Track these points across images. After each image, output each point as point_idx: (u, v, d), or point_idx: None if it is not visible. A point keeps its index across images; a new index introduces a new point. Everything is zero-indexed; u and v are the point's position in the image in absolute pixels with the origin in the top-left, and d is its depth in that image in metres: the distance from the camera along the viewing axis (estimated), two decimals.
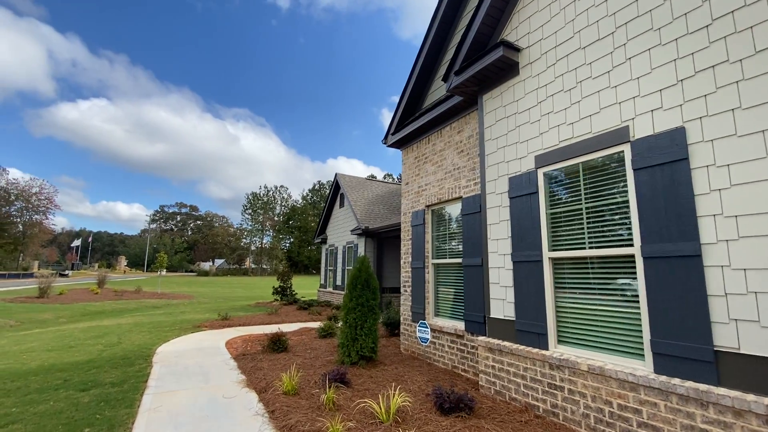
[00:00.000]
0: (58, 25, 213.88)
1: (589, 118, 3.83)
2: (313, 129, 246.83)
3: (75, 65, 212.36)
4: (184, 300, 23.52)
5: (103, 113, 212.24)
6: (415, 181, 7.10)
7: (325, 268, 18.41)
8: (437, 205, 6.51)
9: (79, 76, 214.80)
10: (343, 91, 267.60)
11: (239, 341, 8.74)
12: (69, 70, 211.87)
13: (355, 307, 6.01)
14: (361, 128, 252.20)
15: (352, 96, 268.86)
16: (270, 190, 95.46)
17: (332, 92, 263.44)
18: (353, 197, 15.81)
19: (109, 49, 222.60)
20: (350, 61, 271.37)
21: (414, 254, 6.85)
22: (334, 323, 9.10)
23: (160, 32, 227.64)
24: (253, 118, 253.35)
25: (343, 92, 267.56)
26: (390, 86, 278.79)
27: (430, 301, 6.44)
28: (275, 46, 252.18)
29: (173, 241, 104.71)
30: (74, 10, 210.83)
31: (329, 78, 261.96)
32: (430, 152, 6.77)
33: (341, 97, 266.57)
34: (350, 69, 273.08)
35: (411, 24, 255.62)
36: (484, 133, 5.14)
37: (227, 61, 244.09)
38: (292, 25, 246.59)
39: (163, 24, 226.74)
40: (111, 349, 7.83)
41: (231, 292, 31.48)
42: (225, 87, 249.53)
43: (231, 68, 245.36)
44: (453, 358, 5.67)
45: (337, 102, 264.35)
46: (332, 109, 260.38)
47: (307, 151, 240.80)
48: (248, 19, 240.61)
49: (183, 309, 17.18)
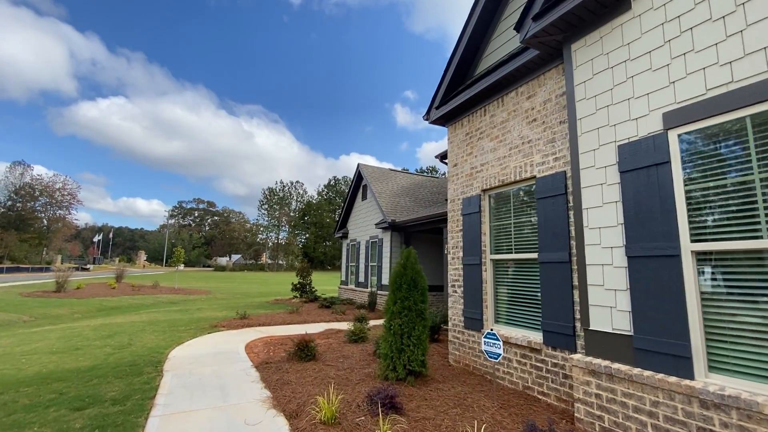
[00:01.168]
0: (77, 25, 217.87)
1: (764, 51, 2.66)
2: (326, 125, 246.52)
3: (94, 64, 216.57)
4: (201, 296, 22.99)
5: (122, 111, 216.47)
6: (466, 161, 5.99)
7: (347, 264, 17.46)
8: (498, 189, 5.38)
9: (98, 74, 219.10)
10: (356, 86, 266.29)
11: (260, 344, 7.82)
12: (89, 69, 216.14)
13: (401, 312, 4.96)
14: (373, 124, 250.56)
15: (365, 91, 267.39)
16: (286, 185, 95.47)
17: (344, 88, 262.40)
18: (377, 189, 14.78)
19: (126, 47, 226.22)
20: (362, 57, 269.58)
21: (466, 248, 5.76)
22: (364, 325, 8.09)
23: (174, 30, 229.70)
24: (267, 114, 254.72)
25: (355, 88, 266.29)
26: (403, 81, 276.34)
27: (488, 304, 5.34)
28: (287, 42, 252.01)
29: (191, 236, 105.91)
30: (92, 8, 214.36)
31: (341, 73, 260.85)
32: (486, 126, 5.64)
33: (353, 93, 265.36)
34: (362, 64, 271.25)
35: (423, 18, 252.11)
36: (574, 92, 3.99)
37: (240, 57, 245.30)
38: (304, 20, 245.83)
39: (176, 21, 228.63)
40: (119, 353, 7.00)
41: (248, 288, 30.98)
42: (238, 84, 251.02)
43: (244, 65, 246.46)
44: (525, 377, 4.57)
45: (349, 98, 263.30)
46: (345, 105, 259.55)
47: (320, 147, 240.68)
48: (260, 16, 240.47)
49: (200, 305, 16.51)
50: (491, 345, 4.25)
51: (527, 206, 4.96)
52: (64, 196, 73.01)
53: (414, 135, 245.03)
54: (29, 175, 69.69)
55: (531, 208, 4.88)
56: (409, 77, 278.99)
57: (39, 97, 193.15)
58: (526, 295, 4.87)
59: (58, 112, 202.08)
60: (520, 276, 5.01)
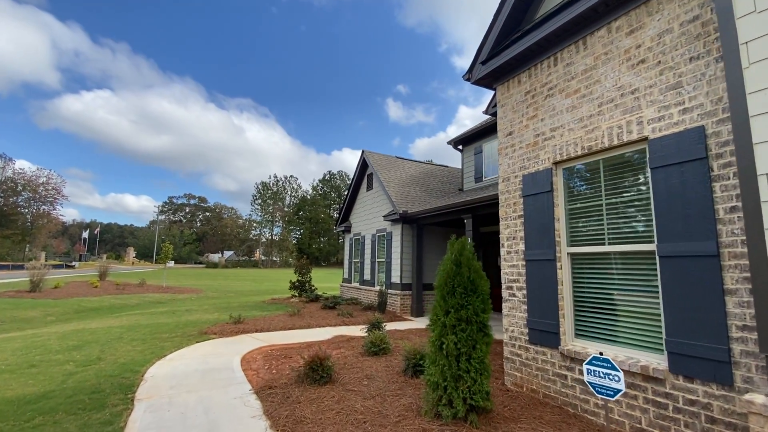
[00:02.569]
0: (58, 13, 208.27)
1: None
2: (317, 120, 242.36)
3: (78, 55, 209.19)
4: (191, 295, 21.49)
5: (107, 104, 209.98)
6: (527, 127, 4.66)
7: (350, 260, 16.11)
8: (580, 159, 4.06)
9: (82, 66, 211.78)
10: (346, 80, 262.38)
11: (259, 357, 6.46)
12: (72, 60, 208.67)
13: (457, 325, 3.64)
14: (365, 118, 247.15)
15: (356, 85, 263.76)
16: (280, 180, 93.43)
17: (335, 82, 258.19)
18: (385, 178, 13.42)
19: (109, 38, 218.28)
20: (353, 50, 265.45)
21: (530, 239, 4.44)
22: (382, 333, 6.77)
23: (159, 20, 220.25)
24: (257, 108, 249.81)
25: (346, 82, 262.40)
26: (394, 75, 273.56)
27: (566, 312, 4.05)
28: (276, 35, 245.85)
29: (182, 232, 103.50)
30: None
31: (332, 67, 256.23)
32: (559, 78, 4.32)
33: (344, 87, 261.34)
34: (353, 58, 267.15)
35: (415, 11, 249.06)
36: (733, 5, 2.68)
37: (228, 49, 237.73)
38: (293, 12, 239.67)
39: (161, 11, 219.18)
40: (83, 372, 5.60)
41: (241, 286, 29.49)
42: (227, 76, 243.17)
43: (232, 57, 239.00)
44: (636, 415, 3.28)
45: (340, 92, 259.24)
46: (336, 99, 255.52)
47: (312, 142, 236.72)
48: (247, 6, 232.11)
49: (189, 306, 15.05)
50: (603, 376, 2.94)
51: (631, 179, 3.65)
52: (48, 191, 70.31)
53: (406, 130, 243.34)
54: (11, 168, 66.92)
55: (638, 181, 3.57)
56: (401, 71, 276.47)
57: (20, 89, 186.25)
58: (630, 302, 3.58)
59: (41, 105, 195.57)
60: (617, 275, 3.71)
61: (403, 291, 11.68)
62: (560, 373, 3.95)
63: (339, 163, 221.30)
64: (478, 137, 13.04)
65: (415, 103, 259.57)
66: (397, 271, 11.96)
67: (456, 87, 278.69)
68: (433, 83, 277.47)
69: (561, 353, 3.94)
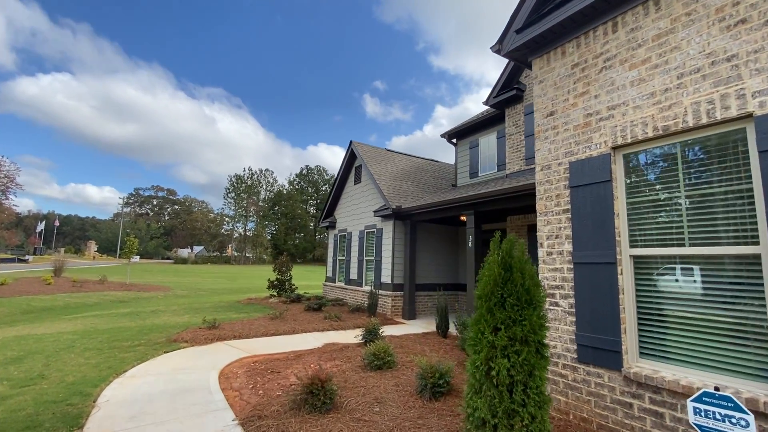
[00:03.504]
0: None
1: None
2: (293, 113, 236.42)
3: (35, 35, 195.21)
4: (158, 293, 19.88)
5: (67, 89, 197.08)
6: (576, 106, 3.95)
7: (334, 258, 15.17)
8: (650, 143, 3.37)
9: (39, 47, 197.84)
10: (323, 74, 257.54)
11: (241, 373, 5.50)
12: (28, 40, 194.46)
13: (509, 345, 2.86)
14: (342, 114, 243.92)
15: (333, 79, 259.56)
16: (254, 173, 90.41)
17: (311, 75, 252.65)
18: (375, 170, 12.56)
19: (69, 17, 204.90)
20: (330, 43, 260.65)
21: (579, 238, 3.74)
22: (384, 344, 5.94)
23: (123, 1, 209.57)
24: (229, 98, 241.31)
25: (322, 75, 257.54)
26: (372, 71, 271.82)
27: (628, 326, 3.36)
28: (250, 23, 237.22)
29: (149, 226, 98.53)
30: None
31: (308, 60, 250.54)
32: (622, 46, 3.61)
33: (321, 81, 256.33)
34: (330, 51, 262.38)
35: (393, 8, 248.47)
36: None
37: (199, 36, 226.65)
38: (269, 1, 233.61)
39: None
40: (18, 396, 4.48)
41: (213, 283, 27.86)
42: (198, 64, 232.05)
43: (203, 44, 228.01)
44: None
45: (316, 85, 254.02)
46: (312, 92, 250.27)
47: (287, 135, 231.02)
48: None
49: (155, 306, 13.68)
50: (722, 419, 2.23)
51: (724, 166, 2.98)
52: (0, 179, 64.89)
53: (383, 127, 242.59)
54: None
55: (735, 168, 2.90)
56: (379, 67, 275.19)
57: None
58: (721, 316, 2.92)
59: None
60: (701, 283, 3.05)
61: (394, 292, 10.90)
62: (623, 400, 3.26)
63: (315, 158, 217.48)
64: (473, 131, 12.40)
65: (392, 100, 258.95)
66: (388, 270, 11.16)
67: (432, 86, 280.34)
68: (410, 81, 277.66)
69: (625, 376, 3.25)
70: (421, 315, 11.24)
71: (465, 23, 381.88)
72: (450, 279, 12.46)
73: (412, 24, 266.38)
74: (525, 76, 10.08)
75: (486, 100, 10.76)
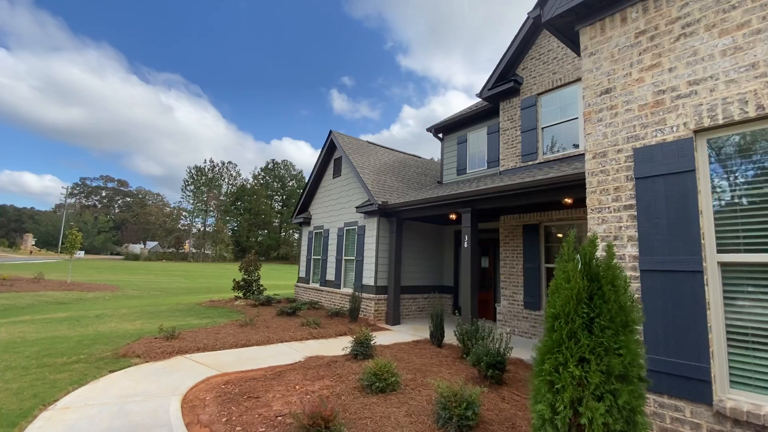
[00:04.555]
0: None
1: None
2: (256, 104, 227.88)
3: None
4: (106, 293, 17.78)
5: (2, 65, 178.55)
6: (643, 81, 3.29)
7: (308, 257, 14.08)
8: (749, 125, 2.75)
9: None
10: (289, 66, 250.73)
11: (211, 400, 4.44)
12: None
13: (603, 383, 2.13)
14: (308, 108, 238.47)
15: (299, 72, 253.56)
16: (216, 165, 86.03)
17: (277, 66, 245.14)
18: (358, 163, 11.64)
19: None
20: (296, 35, 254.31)
21: (647, 240, 3.08)
22: (385, 362, 5.10)
23: None
24: (187, 86, 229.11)
25: (288, 67, 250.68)
26: (339, 66, 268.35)
27: (716, 348, 2.74)
28: (211, 7, 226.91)
29: (96, 219, 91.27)
30: None
31: (273, 50, 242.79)
32: (707, 8, 2.99)
33: (287, 73, 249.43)
34: (297, 43, 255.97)
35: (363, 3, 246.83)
36: None
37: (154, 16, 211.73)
38: None
39: None
40: None
41: (170, 283, 25.68)
42: (153, 47, 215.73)
43: (160, 26, 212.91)
44: None
45: (282, 77, 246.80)
46: (277, 84, 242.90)
47: (250, 128, 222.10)
48: None
49: (101, 308, 11.98)
50: None
51: None
52: None
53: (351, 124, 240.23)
54: None
55: None
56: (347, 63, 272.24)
57: None
58: None
59: None
60: None
61: (377, 295, 10.06)
62: None
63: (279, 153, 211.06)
64: (462, 125, 11.80)
65: (360, 97, 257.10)
66: (371, 271, 10.30)
67: (400, 85, 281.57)
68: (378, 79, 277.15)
69: (717, 411, 2.61)
70: (406, 320, 10.48)
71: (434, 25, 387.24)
72: (434, 281, 11.80)
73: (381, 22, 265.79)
74: (522, 69, 9.57)
75: (480, 92, 10.16)
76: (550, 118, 8.85)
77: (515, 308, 8.84)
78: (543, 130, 8.99)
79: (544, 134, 8.97)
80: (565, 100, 8.67)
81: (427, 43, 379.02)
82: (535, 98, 9.13)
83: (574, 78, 8.44)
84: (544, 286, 8.45)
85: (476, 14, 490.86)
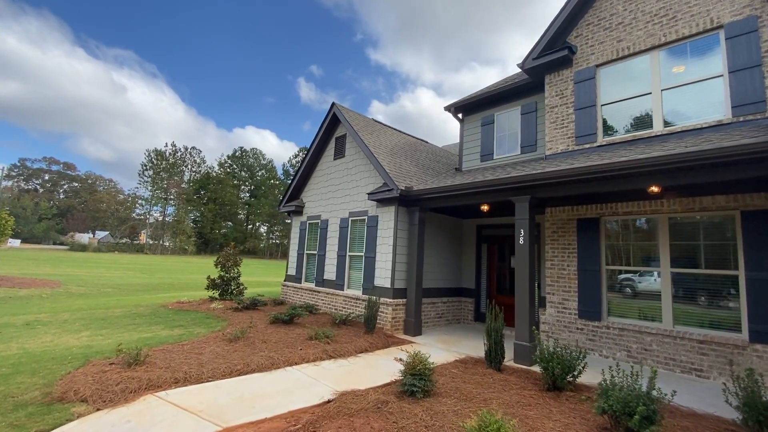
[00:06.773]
0: None
1: None
2: (218, 88, 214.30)
3: None
4: (43, 289, 14.73)
5: None
6: None
7: (299, 251, 12.05)
8: None
9: None
10: (254, 49, 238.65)
11: None
12: None
13: None
14: (274, 96, 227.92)
15: (265, 58, 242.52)
16: (179, 150, 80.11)
17: (241, 49, 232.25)
18: (371, 142, 9.78)
19: None
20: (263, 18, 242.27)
21: None
22: (496, 420, 3.37)
23: None
24: (142, 65, 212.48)
25: (253, 51, 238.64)
26: (308, 55, 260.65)
27: None
28: None
29: (37, 204, 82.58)
30: None
31: (238, 32, 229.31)
32: None
33: (251, 57, 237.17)
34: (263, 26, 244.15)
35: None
36: None
37: None
38: None
39: None
40: None
41: (124, 278, 22.46)
42: (101, 18, 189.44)
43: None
44: None
45: (246, 61, 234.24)
46: (241, 68, 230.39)
47: (210, 113, 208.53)
48: None
49: (35, 312, 9.36)
50: None
51: None
52: None
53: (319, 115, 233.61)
54: None
55: None
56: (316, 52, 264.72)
57: None
58: None
59: None
60: None
61: (395, 299, 8.32)
62: None
63: (242, 141, 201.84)
64: (488, 104, 10.24)
65: (328, 88, 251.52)
66: (387, 271, 8.53)
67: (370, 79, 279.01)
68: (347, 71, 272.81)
69: None
70: (426, 329, 8.83)
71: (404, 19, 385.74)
72: (453, 283, 10.22)
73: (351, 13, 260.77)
74: (575, 36, 8.12)
75: (522, 62, 8.60)
76: (614, 94, 7.46)
77: (566, 317, 7.41)
78: (602, 107, 7.60)
79: (603, 112, 7.58)
80: (634, 72, 7.31)
81: (397, 39, 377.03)
82: (593, 70, 7.71)
83: (647, 46, 7.08)
84: (605, 292, 7.08)
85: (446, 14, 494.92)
